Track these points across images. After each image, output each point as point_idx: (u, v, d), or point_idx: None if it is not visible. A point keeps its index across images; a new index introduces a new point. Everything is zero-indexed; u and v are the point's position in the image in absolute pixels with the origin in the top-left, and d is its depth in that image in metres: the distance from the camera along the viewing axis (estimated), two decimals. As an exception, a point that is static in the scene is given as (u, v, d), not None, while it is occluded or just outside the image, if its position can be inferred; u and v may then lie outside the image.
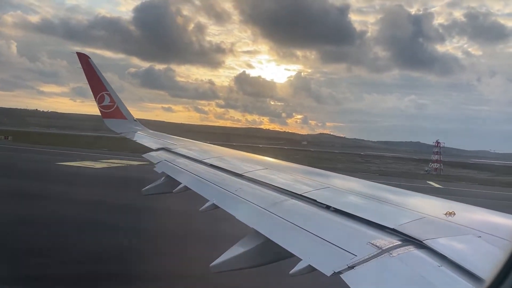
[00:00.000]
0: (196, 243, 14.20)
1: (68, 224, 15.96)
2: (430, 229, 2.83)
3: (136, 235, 14.99)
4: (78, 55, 12.40)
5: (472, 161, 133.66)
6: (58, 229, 15.28)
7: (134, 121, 13.35)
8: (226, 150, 9.23)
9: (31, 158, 39.90)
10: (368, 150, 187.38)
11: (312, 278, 3.07)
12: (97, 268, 11.73)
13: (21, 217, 16.28)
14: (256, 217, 3.93)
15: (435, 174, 56.01)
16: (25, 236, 14.02)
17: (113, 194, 23.18)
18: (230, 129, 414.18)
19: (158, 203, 16.72)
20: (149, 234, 15.43)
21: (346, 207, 3.59)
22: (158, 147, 9.46)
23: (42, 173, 30.28)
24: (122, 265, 11.99)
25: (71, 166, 35.72)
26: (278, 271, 4.04)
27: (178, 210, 15.90)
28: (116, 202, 20.82)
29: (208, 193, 5.18)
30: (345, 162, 77.52)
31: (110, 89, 12.69)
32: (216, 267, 3.59)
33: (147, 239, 14.72)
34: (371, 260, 2.51)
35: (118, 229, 15.77)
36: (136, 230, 15.68)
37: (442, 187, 41.11)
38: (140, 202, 16.93)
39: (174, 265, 12.22)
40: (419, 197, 4.26)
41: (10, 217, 16.25)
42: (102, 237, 14.58)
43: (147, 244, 14.11)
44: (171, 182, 6.74)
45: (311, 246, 3.05)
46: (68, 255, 12.63)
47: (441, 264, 2.28)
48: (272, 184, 4.84)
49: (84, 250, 13.17)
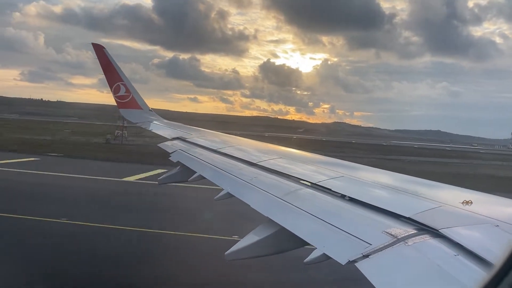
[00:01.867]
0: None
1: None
2: (447, 218, 2.80)
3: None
4: (94, 46, 12.49)
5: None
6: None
7: (149, 111, 13.45)
8: (241, 139, 9.25)
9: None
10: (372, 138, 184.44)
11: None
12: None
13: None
14: (270, 206, 3.95)
15: (116, 143, 49.57)
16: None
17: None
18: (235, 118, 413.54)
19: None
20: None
21: (361, 196, 3.57)
22: (174, 137, 9.53)
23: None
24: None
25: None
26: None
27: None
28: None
29: (223, 182, 5.22)
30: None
31: (125, 79, 12.78)
32: (231, 255, 3.62)
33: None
34: (386, 249, 2.50)
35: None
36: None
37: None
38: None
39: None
40: (435, 186, 4.21)
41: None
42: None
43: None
44: (187, 171, 6.80)
45: (326, 234, 3.05)
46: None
47: (458, 253, 2.25)
48: (286, 173, 4.84)
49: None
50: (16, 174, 23.13)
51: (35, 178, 23.04)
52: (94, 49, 12.43)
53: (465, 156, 74.00)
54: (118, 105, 12.81)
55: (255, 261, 3.82)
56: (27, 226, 13.43)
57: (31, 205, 15.93)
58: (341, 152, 54.79)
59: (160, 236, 13.39)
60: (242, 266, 9.01)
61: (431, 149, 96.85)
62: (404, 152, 74.75)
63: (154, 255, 11.48)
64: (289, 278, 10.19)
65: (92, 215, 14.90)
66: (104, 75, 12.56)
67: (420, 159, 58.90)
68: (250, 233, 3.78)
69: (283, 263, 9.19)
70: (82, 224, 13.84)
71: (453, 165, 52.31)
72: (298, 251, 3.46)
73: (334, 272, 8.30)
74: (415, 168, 40.67)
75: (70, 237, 12.65)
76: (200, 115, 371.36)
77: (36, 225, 13.61)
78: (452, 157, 69.78)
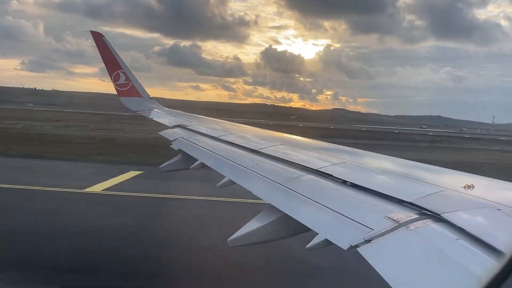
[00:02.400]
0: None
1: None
2: (448, 203, 2.80)
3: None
4: (92, 34, 12.42)
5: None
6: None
7: (150, 99, 13.44)
8: (243, 126, 9.24)
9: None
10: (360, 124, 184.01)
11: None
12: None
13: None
14: (272, 192, 3.96)
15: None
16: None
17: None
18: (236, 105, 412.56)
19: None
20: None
21: (363, 181, 3.57)
22: (174, 125, 9.53)
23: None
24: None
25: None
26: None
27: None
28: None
29: (225, 169, 5.22)
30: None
31: (125, 67, 12.74)
32: (234, 242, 3.64)
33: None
34: (388, 233, 2.51)
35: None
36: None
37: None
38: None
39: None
40: (437, 171, 4.21)
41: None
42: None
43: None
44: (188, 159, 6.82)
45: (328, 220, 3.06)
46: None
47: (459, 237, 2.26)
48: (288, 159, 4.84)
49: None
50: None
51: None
52: (93, 37, 12.36)
53: (410, 139, 71.29)
54: (118, 93, 12.79)
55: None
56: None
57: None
58: (296, 133, 53.15)
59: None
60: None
61: (391, 133, 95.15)
62: (356, 136, 71.63)
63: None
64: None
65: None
66: (103, 63, 12.52)
67: (353, 141, 54.41)
68: (252, 220, 3.79)
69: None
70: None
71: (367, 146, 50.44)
72: (300, 236, 3.48)
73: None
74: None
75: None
76: (199, 103, 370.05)
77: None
78: (394, 139, 67.84)
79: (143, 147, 30.05)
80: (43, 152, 25.74)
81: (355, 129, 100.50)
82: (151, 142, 29.78)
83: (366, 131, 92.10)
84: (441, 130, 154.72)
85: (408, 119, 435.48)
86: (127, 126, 56.00)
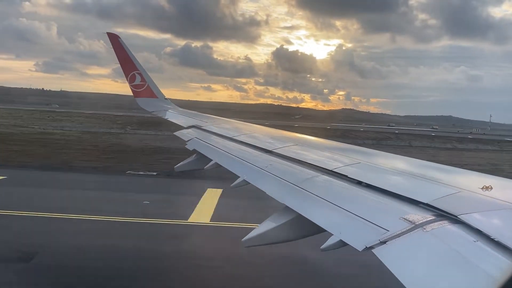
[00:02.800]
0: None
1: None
2: (466, 204, 2.76)
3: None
4: (109, 35, 12.57)
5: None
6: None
7: (165, 99, 13.54)
8: (256, 127, 9.25)
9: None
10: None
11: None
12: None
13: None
14: (286, 193, 3.95)
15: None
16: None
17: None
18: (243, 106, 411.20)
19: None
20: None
21: (378, 182, 3.55)
22: (189, 125, 9.59)
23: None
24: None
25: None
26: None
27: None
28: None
29: (239, 170, 5.23)
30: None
31: (141, 68, 12.86)
32: (248, 242, 3.65)
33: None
34: (403, 235, 2.48)
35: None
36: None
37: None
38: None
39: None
40: (454, 171, 4.15)
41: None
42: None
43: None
44: (202, 159, 6.85)
45: (343, 221, 3.04)
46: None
47: (477, 239, 2.23)
48: (302, 160, 4.83)
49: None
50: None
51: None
52: (110, 38, 12.52)
53: (363, 137, 69.32)
54: (133, 94, 12.92)
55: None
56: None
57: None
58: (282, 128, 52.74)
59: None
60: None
61: (358, 131, 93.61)
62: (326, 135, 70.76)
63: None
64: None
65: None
66: (119, 64, 12.67)
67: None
68: (266, 220, 3.80)
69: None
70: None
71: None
72: (314, 237, 3.47)
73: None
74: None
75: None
76: (205, 103, 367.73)
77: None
78: (346, 137, 66.23)
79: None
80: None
81: (339, 128, 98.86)
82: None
83: (343, 130, 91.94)
84: (418, 129, 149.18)
85: (418, 119, 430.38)
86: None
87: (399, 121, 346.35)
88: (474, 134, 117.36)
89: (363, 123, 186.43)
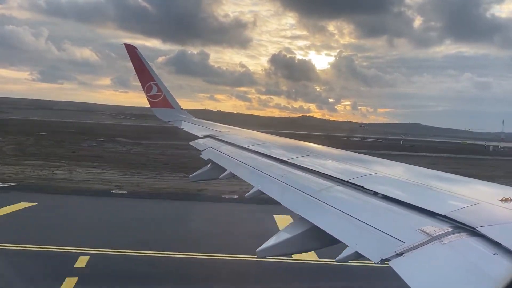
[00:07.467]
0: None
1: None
2: (484, 216, 2.71)
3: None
4: (126, 47, 12.82)
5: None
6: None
7: (181, 109, 13.70)
8: (271, 136, 9.27)
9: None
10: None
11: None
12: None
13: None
14: (301, 204, 3.94)
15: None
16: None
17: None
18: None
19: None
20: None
21: (394, 193, 3.51)
22: (204, 135, 9.67)
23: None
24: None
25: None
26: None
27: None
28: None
29: (253, 180, 5.24)
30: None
31: (157, 79, 13.06)
32: (262, 252, 3.64)
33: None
34: (420, 247, 2.45)
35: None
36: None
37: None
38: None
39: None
40: (472, 183, 4.08)
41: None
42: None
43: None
44: (217, 169, 6.89)
45: (358, 232, 3.02)
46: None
47: (496, 253, 2.18)
48: (317, 170, 4.81)
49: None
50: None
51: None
52: (127, 49, 12.76)
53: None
54: (150, 104, 13.10)
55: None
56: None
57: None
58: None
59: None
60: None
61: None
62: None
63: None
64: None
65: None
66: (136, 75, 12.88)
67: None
68: (281, 231, 3.79)
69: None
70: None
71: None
72: (329, 248, 3.45)
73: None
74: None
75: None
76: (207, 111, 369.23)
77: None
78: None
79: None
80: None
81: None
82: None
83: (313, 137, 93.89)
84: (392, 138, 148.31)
85: (419, 130, 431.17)
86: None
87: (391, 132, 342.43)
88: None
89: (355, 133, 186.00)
